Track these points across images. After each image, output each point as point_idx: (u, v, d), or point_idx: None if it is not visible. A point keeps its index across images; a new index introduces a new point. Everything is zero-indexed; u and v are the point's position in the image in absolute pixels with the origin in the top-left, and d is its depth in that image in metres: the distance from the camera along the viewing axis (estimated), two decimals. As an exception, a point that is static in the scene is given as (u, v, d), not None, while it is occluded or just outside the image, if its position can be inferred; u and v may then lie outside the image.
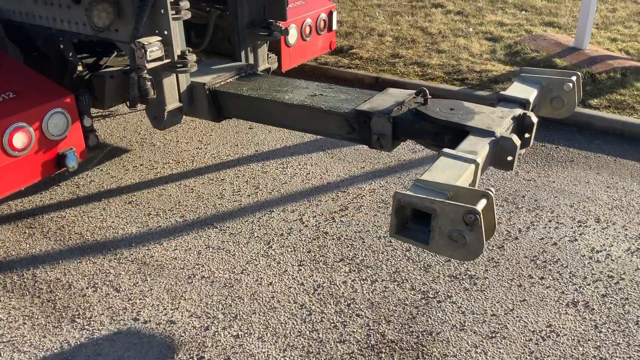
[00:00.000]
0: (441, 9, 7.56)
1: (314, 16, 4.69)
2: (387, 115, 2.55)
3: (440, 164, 2.05)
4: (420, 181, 1.92)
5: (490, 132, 2.27)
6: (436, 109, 2.51)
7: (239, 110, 3.16)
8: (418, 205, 1.81)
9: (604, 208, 3.66)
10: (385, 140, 2.61)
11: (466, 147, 2.18)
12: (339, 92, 2.93)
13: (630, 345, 2.65)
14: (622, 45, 6.13)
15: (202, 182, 4.02)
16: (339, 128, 2.76)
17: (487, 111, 2.46)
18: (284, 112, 2.92)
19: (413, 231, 1.92)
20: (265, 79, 3.32)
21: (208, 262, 3.23)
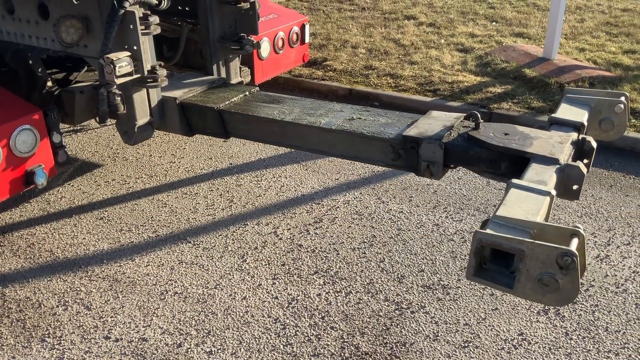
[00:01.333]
0: (414, 21, 7.66)
1: (287, 29, 4.72)
2: (438, 141, 2.37)
3: (513, 197, 1.88)
4: (498, 217, 1.75)
5: (554, 160, 2.12)
6: (490, 133, 2.36)
7: (248, 132, 2.98)
8: (504, 246, 1.65)
9: (573, 216, 3.73)
10: (436, 168, 2.44)
11: (533, 177, 2.03)
12: (378, 116, 2.77)
13: (600, 351, 2.70)
14: (590, 55, 6.27)
15: (175, 196, 4.00)
16: (382, 154, 2.59)
17: (544, 136, 2.32)
18: (321, 138, 2.73)
19: (492, 272, 1.76)
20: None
21: (181, 277, 3.20)
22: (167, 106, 3.18)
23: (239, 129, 2.99)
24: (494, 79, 5.68)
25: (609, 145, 4.51)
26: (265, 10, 4.78)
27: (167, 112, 3.20)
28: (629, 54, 6.26)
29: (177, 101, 3.11)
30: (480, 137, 2.32)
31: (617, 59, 6.07)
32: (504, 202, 1.85)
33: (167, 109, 3.18)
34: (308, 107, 2.92)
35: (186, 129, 3.20)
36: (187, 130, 3.21)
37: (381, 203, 3.89)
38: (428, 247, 3.43)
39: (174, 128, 3.23)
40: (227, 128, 3.01)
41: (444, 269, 3.25)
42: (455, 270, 3.23)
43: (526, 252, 1.61)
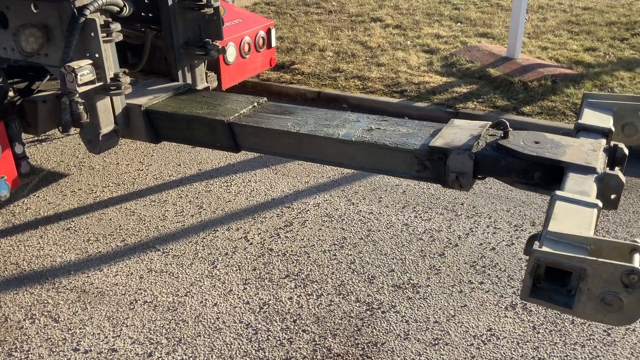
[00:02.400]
0: (380, 23, 7.72)
1: (253, 34, 4.71)
2: (468, 151, 2.29)
3: (560, 210, 1.81)
4: (552, 234, 1.68)
5: (591, 169, 2.05)
6: (520, 142, 2.28)
7: (261, 145, 2.87)
8: (564, 265, 1.58)
9: (538, 211, 3.81)
10: (466, 179, 2.35)
11: (574, 187, 1.96)
12: (397, 125, 2.68)
13: (567, 344, 2.76)
14: (553, 53, 6.40)
15: (143, 204, 3.96)
16: (406, 166, 2.49)
17: (576, 144, 2.25)
18: (340, 150, 2.63)
19: (548, 292, 1.68)
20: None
21: (150, 286, 3.17)
22: (131, 114, 3.15)
23: (250, 142, 2.84)
24: (460, 79, 5.76)
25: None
26: (231, 15, 4.77)
27: (132, 119, 3.16)
28: (590, 52, 6.42)
29: (141, 108, 3.09)
30: (511, 147, 2.24)
31: (579, 57, 6.22)
32: (553, 216, 1.76)
33: (132, 116, 3.15)
34: (322, 117, 2.80)
35: (152, 136, 3.16)
36: (153, 138, 3.18)
37: (351, 205, 3.92)
38: (398, 247, 3.47)
39: (140, 135, 3.20)
40: (238, 141, 2.87)
41: (413, 268, 3.28)
42: (424, 269, 3.27)
43: (588, 271, 1.53)
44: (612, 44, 6.69)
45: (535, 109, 5.11)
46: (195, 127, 2.95)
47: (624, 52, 6.41)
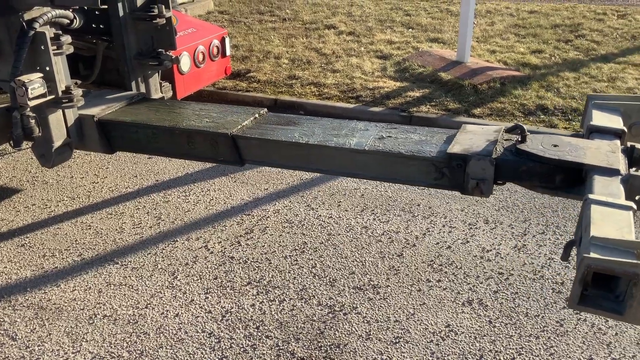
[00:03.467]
0: (334, 30, 7.82)
1: (206, 43, 4.72)
2: (489, 157, 2.25)
3: (597, 214, 1.80)
4: (597, 239, 1.66)
5: (615, 171, 2.04)
6: (539, 146, 2.26)
7: (267, 158, 2.77)
8: (616, 271, 1.56)
9: (491, 209, 3.93)
10: (487, 186, 2.30)
11: (603, 190, 1.94)
12: (408, 133, 2.62)
13: (522, 336, 2.86)
14: (501, 56, 6.61)
15: (100, 217, 3.90)
16: (423, 175, 2.44)
17: (593, 146, 2.24)
18: (352, 160, 2.56)
19: (596, 299, 1.66)
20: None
21: (110, 299, 3.14)
22: (84, 125, 3.11)
23: (255, 155, 2.75)
24: (413, 84, 5.89)
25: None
26: (184, 25, 4.76)
27: (85, 130, 3.13)
28: (536, 54, 6.66)
29: (95, 119, 3.06)
30: (532, 151, 2.21)
31: (526, 59, 6.44)
32: (592, 221, 1.75)
33: (85, 127, 3.12)
34: (329, 127, 2.73)
35: (106, 147, 3.13)
36: (107, 148, 3.14)
37: (311, 210, 3.96)
38: (357, 249, 3.52)
39: (94, 146, 3.17)
40: (242, 155, 2.78)
41: (373, 269, 3.34)
42: (384, 270, 3.33)
43: None
44: (557, 46, 6.95)
45: (486, 110, 5.27)
46: (196, 140, 2.83)
47: (568, 54, 6.67)
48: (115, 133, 3.08)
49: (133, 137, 3.03)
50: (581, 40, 7.16)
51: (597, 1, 9.97)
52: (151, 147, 3.03)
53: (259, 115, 2.92)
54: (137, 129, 2.96)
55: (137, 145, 3.06)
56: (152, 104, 3.30)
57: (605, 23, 7.99)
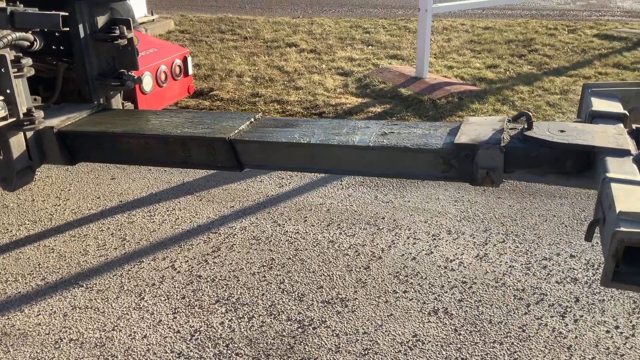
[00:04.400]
0: (295, 48, 7.91)
1: (169, 62, 4.73)
2: (498, 145, 2.24)
3: (619, 191, 1.77)
4: (625, 214, 1.63)
5: (626, 151, 2.05)
6: (546, 132, 2.25)
7: (268, 161, 2.71)
8: None
9: (453, 220, 4.03)
10: (497, 174, 2.28)
11: (618, 170, 1.92)
12: (410, 128, 2.59)
13: (487, 342, 2.94)
14: (458, 71, 6.81)
15: (63, 240, 3.84)
16: (430, 168, 2.42)
17: (599, 130, 2.24)
18: (357, 157, 2.52)
19: (629, 275, 1.65)
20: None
21: (76, 323, 3.09)
22: (44, 137, 3.06)
23: (255, 158, 2.69)
24: (374, 99, 6.01)
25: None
26: (145, 45, 4.76)
27: (45, 143, 3.07)
28: (492, 69, 6.88)
29: (54, 130, 3.01)
30: (540, 137, 2.20)
31: (482, 74, 6.65)
32: (615, 198, 1.72)
33: (45, 140, 3.06)
34: (329, 127, 2.69)
35: (67, 158, 3.08)
36: (68, 159, 3.08)
37: (277, 226, 3.99)
38: (325, 263, 3.57)
39: (54, 159, 3.11)
40: (241, 159, 2.70)
41: (341, 282, 3.39)
42: (351, 283, 3.38)
43: None
44: (511, 61, 7.20)
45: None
46: (192, 147, 2.75)
47: (522, 68, 6.92)
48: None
49: (122, 147, 2.92)
50: (534, 55, 7.44)
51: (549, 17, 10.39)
52: (142, 158, 2.91)
53: (254, 119, 2.87)
54: (129, 139, 2.81)
55: (124, 156, 2.91)
56: (118, 114, 3.27)
57: (557, 38, 8.32)
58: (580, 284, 3.35)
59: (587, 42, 8.06)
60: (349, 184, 4.59)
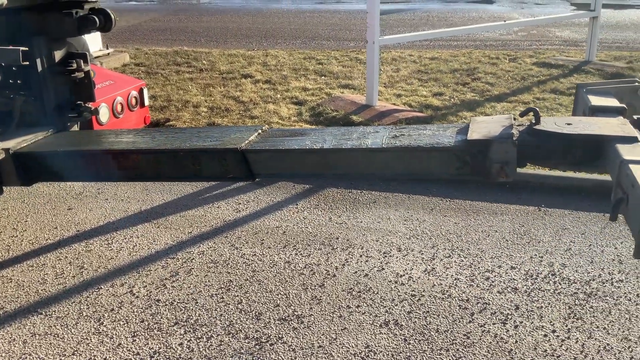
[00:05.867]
0: (250, 79, 8.13)
1: (125, 94, 4.85)
2: (510, 139, 2.30)
3: (638, 172, 1.86)
4: None
5: (633, 138, 2.15)
6: (553, 125, 2.33)
7: (280, 169, 2.74)
8: None
9: (403, 238, 4.24)
10: (510, 168, 2.34)
11: (632, 153, 2.02)
12: (418, 130, 2.62)
13: (434, 350, 3.12)
14: (406, 99, 7.14)
15: (20, 270, 3.87)
16: (444, 166, 2.45)
17: (603, 121, 2.33)
18: (371, 159, 2.55)
19: None
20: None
21: (35, 349, 3.12)
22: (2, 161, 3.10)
23: (268, 167, 2.72)
24: (327, 126, 6.25)
25: (428, 175, 5.20)
26: (101, 78, 4.88)
27: (1, 165, 3.11)
28: (438, 96, 7.24)
29: (10, 151, 3.07)
30: (550, 130, 2.27)
31: (428, 101, 7.00)
32: (637, 178, 1.81)
33: (1, 162, 3.10)
34: (337, 134, 2.71)
35: (23, 179, 3.13)
36: (25, 181, 3.14)
37: (235, 249, 4.11)
38: (281, 283, 3.70)
39: (11, 181, 3.15)
40: (253, 169, 2.72)
41: (297, 300, 3.53)
42: (307, 300, 3.52)
43: None
44: (455, 89, 7.59)
45: (395, 149, 5.67)
46: (202, 160, 2.77)
47: (466, 95, 7.31)
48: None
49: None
50: (477, 83, 7.86)
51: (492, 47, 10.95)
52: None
53: (262, 130, 2.90)
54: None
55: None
56: (78, 134, 3.35)
57: (499, 66, 8.81)
58: (520, 293, 3.59)
59: (526, 70, 8.56)
60: (304, 207, 4.76)
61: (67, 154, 3.06)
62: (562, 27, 12.85)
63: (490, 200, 4.82)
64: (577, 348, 3.12)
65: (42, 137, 3.31)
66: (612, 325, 3.29)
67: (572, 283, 3.68)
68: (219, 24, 14.30)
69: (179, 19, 15.28)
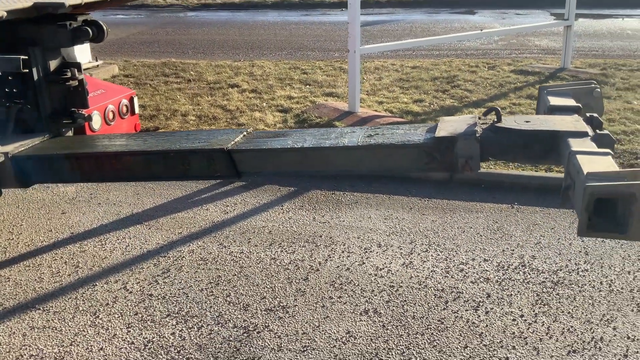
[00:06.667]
0: (237, 89, 8.36)
1: (116, 102, 5.05)
2: (473, 136, 2.51)
3: (584, 160, 2.03)
4: (592, 175, 1.89)
5: (584, 133, 2.34)
6: (514, 122, 2.52)
7: (263, 167, 2.96)
8: (614, 193, 1.80)
9: (383, 235, 4.47)
10: (474, 162, 2.55)
11: (581, 146, 2.20)
12: (391, 129, 2.83)
13: (410, 334, 3.34)
14: (388, 106, 7.40)
15: (18, 270, 4.04)
16: (414, 161, 2.67)
17: (559, 119, 2.54)
18: (347, 156, 2.77)
19: (600, 225, 1.88)
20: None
21: (35, 341, 3.31)
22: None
23: (252, 165, 2.94)
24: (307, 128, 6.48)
25: (407, 177, 5.45)
26: (93, 87, 5.07)
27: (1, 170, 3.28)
28: (418, 103, 7.52)
29: (9, 155, 3.25)
30: (509, 127, 2.47)
31: (409, 108, 7.27)
32: (582, 165, 1.98)
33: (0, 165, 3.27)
34: (317, 134, 2.93)
35: (21, 181, 3.29)
36: (23, 183, 3.31)
37: (223, 247, 4.32)
38: (268, 277, 3.91)
39: (9, 183, 3.32)
40: (239, 168, 2.92)
41: (282, 292, 3.74)
42: (292, 292, 3.73)
43: (637, 194, 1.75)
44: (435, 96, 7.87)
45: (376, 152, 5.92)
46: (192, 160, 2.97)
47: (445, 102, 7.59)
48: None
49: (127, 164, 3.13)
50: (456, 90, 8.15)
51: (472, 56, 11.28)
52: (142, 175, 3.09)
53: (247, 132, 3.12)
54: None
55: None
56: (71, 139, 3.55)
57: (477, 74, 9.11)
58: (492, 283, 3.83)
59: (504, 77, 8.87)
60: (289, 208, 4.98)
61: (63, 156, 3.27)
62: (541, 37, 13.23)
63: (466, 200, 5.08)
64: (543, 330, 3.36)
65: (38, 142, 3.51)
66: (576, 309, 3.54)
67: (541, 273, 3.93)
68: (206, 36, 14.55)
69: (166, 32, 15.51)
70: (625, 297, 3.64)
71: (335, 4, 19.94)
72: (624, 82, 8.34)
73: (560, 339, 3.28)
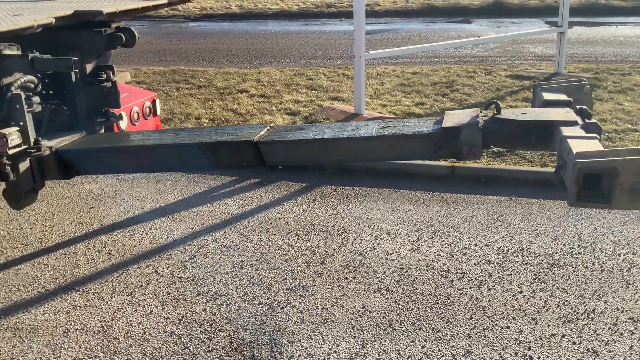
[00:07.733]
0: (246, 94, 8.73)
1: (140, 104, 5.41)
2: (476, 126, 2.76)
3: (574, 143, 2.28)
4: (580, 154, 2.12)
5: (575, 122, 2.59)
6: (512, 114, 2.77)
7: (288, 157, 3.27)
8: (598, 168, 2.03)
9: (392, 224, 4.82)
10: (477, 149, 2.80)
11: (572, 132, 2.45)
12: (402, 122, 3.09)
13: (420, 308, 3.68)
14: (391, 108, 7.77)
15: (55, 257, 4.37)
16: (424, 149, 2.94)
17: (552, 111, 2.79)
18: (364, 146, 3.04)
19: (588, 196, 2.11)
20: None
21: (78, 317, 3.64)
22: (44, 157, 3.61)
23: (276, 156, 3.22)
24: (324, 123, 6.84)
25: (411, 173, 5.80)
26: (118, 90, 5.43)
27: (44, 162, 3.62)
28: (419, 105, 7.89)
29: (52, 149, 3.59)
30: (508, 117, 2.73)
31: (411, 110, 7.63)
32: (572, 147, 2.23)
33: (44, 158, 3.61)
34: (335, 127, 3.21)
35: (64, 174, 3.59)
36: (64, 175, 3.63)
37: (244, 236, 4.65)
38: (287, 261, 4.25)
39: (53, 175, 3.66)
40: (264, 158, 3.23)
41: (301, 274, 4.07)
42: (310, 274, 4.07)
43: (619, 169, 1.98)
44: (435, 99, 8.25)
45: (382, 151, 6.27)
46: (222, 151, 3.31)
47: (445, 104, 7.96)
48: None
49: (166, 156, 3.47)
50: (455, 93, 8.53)
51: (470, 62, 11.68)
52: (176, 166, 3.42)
53: (270, 127, 3.41)
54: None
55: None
56: (109, 135, 3.89)
57: (475, 79, 9.49)
58: (493, 264, 4.17)
59: (501, 82, 9.25)
60: (302, 201, 5.33)
61: (104, 150, 3.62)
62: (536, 44, 13.64)
63: (467, 193, 5.43)
64: (540, 304, 3.70)
65: (77, 138, 3.86)
66: (571, 286, 3.88)
67: (538, 256, 4.28)
68: (210, 45, 14.94)
69: (170, 42, 15.89)
70: (616, 276, 3.99)
71: (334, 14, 20.39)
72: (615, 85, 8.73)
73: (556, 311, 3.62)
